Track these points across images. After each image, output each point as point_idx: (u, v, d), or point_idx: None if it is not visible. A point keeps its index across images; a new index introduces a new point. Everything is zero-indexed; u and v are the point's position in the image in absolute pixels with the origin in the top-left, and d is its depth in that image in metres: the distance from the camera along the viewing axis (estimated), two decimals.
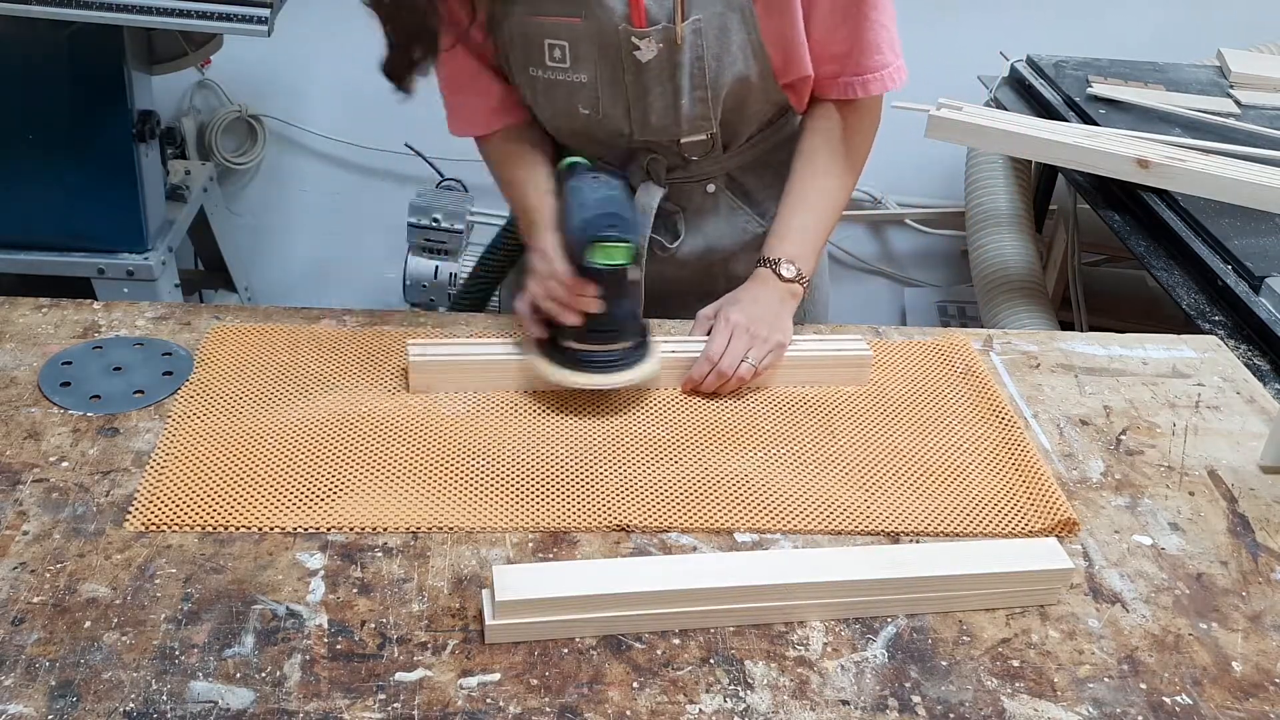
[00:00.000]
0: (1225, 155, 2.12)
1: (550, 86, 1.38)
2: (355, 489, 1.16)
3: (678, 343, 1.37)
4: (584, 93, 1.38)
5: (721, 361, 1.32)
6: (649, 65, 1.35)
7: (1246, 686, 1.02)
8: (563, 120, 1.43)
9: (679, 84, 1.36)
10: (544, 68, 1.37)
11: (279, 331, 1.41)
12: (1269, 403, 1.43)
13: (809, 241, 1.43)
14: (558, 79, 1.37)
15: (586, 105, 1.39)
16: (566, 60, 1.35)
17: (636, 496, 1.17)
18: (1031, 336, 1.57)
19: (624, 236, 1.25)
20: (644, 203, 1.46)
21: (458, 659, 0.98)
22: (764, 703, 0.96)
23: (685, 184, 1.48)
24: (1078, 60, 2.68)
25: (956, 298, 3.25)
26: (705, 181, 1.49)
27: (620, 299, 1.28)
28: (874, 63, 1.40)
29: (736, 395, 1.34)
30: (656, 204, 1.47)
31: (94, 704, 0.91)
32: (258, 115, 3.09)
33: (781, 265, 1.40)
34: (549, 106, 1.41)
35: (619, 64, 1.35)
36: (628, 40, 1.33)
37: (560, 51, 1.35)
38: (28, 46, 2.27)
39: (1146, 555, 1.16)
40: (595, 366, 1.29)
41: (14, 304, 1.42)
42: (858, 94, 1.42)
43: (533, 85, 1.39)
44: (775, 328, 1.36)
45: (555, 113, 1.42)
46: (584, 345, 1.28)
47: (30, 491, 1.13)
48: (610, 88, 1.37)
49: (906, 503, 1.19)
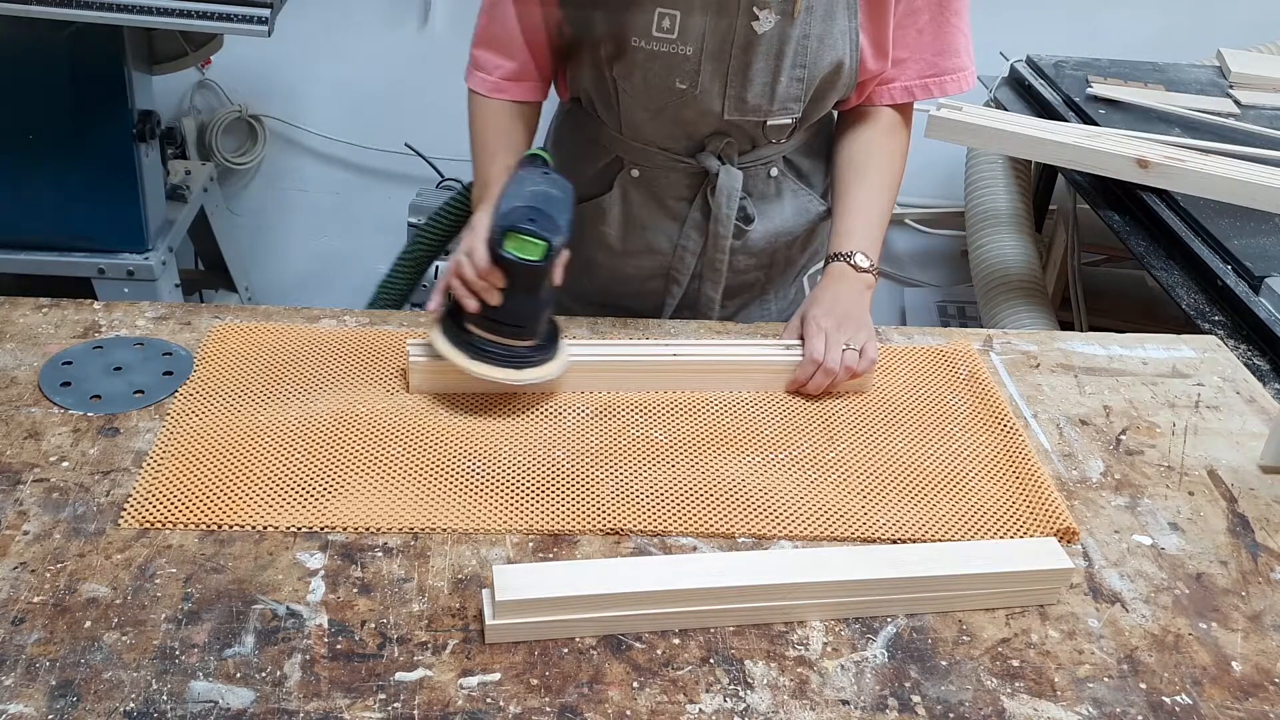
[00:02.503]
0: (1225, 155, 2.12)
1: (650, 59, 1.38)
2: (353, 489, 1.16)
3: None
4: (685, 66, 1.38)
5: (826, 359, 1.33)
6: (760, 39, 1.36)
7: (1246, 686, 1.02)
8: (654, 97, 1.42)
9: (783, 61, 1.38)
10: (649, 38, 1.37)
11: (280, 330, 1.41)
12: (1269, 403, 1.43)
13: (874, 235, 1.48)
14: (660, 50, 1.37)
15: (685, 80, 1.39)
16: (674, 31, 1.36)
17: (636, 500, 1.17)
18: (1031, 336, 1.57)
19: (540, 232, 1.24)
20: (727, 186, 1.47)
21: (458, 659, 0.98)
22: (764, 702, 0.96)
23: (751, 168, 1.50)
24: (1077, 60, 2.68)
25: (956, 298, 3.25)
26: (769, 165, 1.51)
27: (528, 295, 1.27)
28: (952, 64, 1.47)
29: (736, 401, 1.35)
30: (740, 187, 1.48)
31: (94, 704, 0.91)
32: (258, 115, 3.09)
33: (855, 257, 1.44)
34: (643, 81, 1.41)
35: (729, 36, 1.36)
36: (749, 9, 1.35)
37: (670, 21, 1.35)
38: (28, 46, 2.27)
39: (1146, 555, 1.16)
40: (488, 357, 1.28)
41: (14, 304, 1.42)
42: (932, 94, 1.49)
43: (631, 59, 1.39)
44: (862, 322, 1.39)
45: (649, 88, 1.41)
46: (482, 333, 1.28)
47: (30, 491, 1.13)
48: (713, 61, 1.38)
49: (906, 510, 1.19)
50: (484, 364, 1.27)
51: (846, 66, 1.42)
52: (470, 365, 1.27)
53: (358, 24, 2.99)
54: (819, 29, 1.38)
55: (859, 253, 1.44)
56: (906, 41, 1.45)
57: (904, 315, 3.29)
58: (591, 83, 1.47)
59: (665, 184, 1.49)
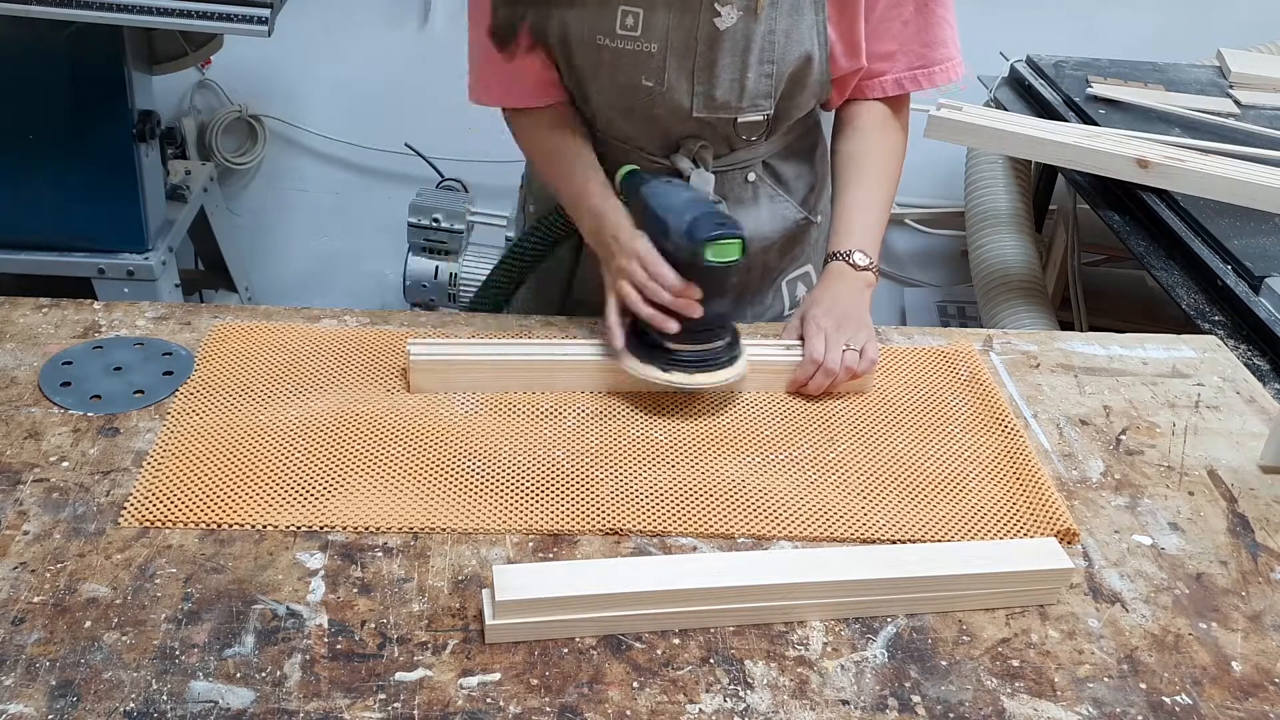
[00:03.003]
0: (1225, 155, 2.12)
1: (615, 56, 1.38)
2: (353, 488, 1.16)
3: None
4: (650, 63, 1.38)
5: (826, 359, 1.33)
6: (724, 34, 1.36)
7: (1246, 686, 1.02)
8: (621, 96, 1.42)
9: (749, 57, 1.38)
10: (613, 36, 1.36)
11: (282, 330, 1.41)
12: (1269, 403, 1.43)
13: (873, 233, 1.47)
14: (625, 48, 1.37)
15: (651, 77, 1.39)
16: (638, 28, 1.35)
17: (635, 500, 1.17)
18: (1031, 336, 1.57)
19: (732, 231, 1.25)
20: (699, 190, 1.47)
21: (458, 659, 0.98)
22: (764, 703, 0.96)
23: (729, 172, 1.49)
24: (1077, 60, 2.68)
25: (956, 298, 3.25)
26: (746, 170, 1.50)
27: (722, 296, 1.29)
28: (940, 55, 1.46)
29: (736, 402, 1.35)
30: (711, 190, 1.48)
31: (94, 704, 0.91)
32: (258, 115, 3.09)
33: (854, 255, 1.43)
34: (609, 80, 1.41)
35: (693, 32, 1.36)
36: (710, 5, 1.34)
37: (633, 19, 1.35)
38: (28, 46, 2.27)
39: (1146, 555, 1.16)
40: (699, 366, 1.29)
41: (14, 304, 1.42)
42: (922, 85, 1.47)
43: (596, 57, 1.39)
44: (862, 321, 1.39)
45: (616, 87, 1.41)
46: (684, 346, 1.29)
47: (30, 491, 1.13)
48: (679, 58, 1.38)
49: (906, 512, 1.19)
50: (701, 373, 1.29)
51: (816, 61, 1.41)
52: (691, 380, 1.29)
53: (358, 24, 2.99)
54: (785, 24, 1.38)
55: (857, 251, 1.44)
56: (892, 34, 1.44)
57: (904, 315, 3.29)
58: (566, 82, 1.46)
59: None
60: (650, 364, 1.30)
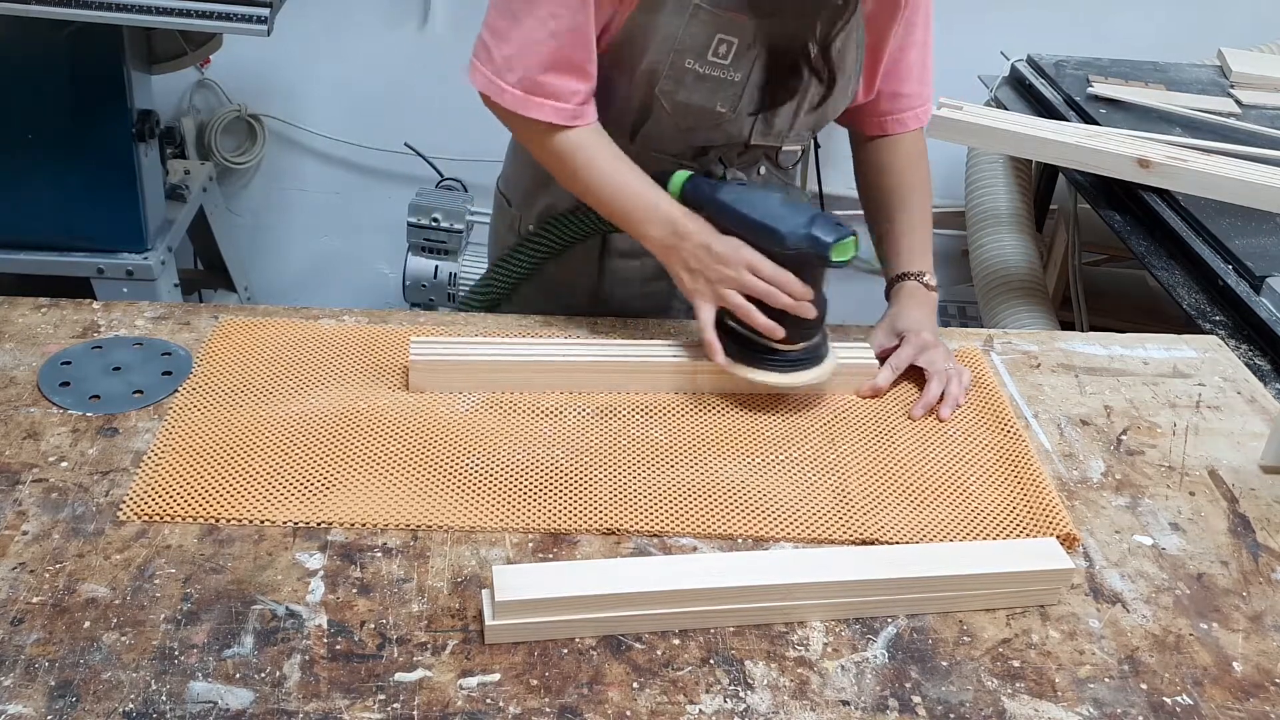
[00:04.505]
0: (1226, 155, 2.12)
1: (699, 80, 1.37)
2: (352, 485, 1.16)
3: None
4: (729, 91, 1.38)
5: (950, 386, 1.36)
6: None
7: (1247, 687, 1.02)
8: (688, 116, 1.40)
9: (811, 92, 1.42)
10: (704, 62, 1.36)
11: (283, 327, 1.41)
12: (1269, 403, 1.43)
13: (929, 256, 1.52)
14: (710, 74, 1.37)
15: (725, 104, 1.39)
16: (729, 58, 1.36)
17: (634, 501, 1.17)
18: (1032, 336, 1.56)
19: (851, 229, 1.27)
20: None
21: (457, 659, 0.98)
22: (764, 703, 0.96)
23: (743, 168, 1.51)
24: (1078, 60, 2.68)
25: (957, 297, 3.25)
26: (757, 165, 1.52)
27: (820, 294, 1.31)
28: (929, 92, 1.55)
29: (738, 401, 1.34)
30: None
31: (93, 704, 0.91)
32: (258, 115, 3.09)
33: (926, 277, 1.48)
34: (684, 100, 1.38)
35: (778, 68, 1.38)
36: (804, 46, 1.36)
37: (727, 48, 1.35)
38: (28, 46, 2.27)
39: (1147, 555, 1.16)
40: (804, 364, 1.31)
41: (14, 304, 1.42)
42: (924, 122, 1.54)
43: (679, 79, 1.37)
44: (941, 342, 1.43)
45: (689, 109, 1.39)
46: (789, 346, 1.30)
47: (30, 491, 1.12)
48: (757, 90, 1.39)
49: (906, 516, 1.18)
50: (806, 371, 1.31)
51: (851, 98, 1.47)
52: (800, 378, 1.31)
53: (358, 24, 2.99)
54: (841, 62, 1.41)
55: (928, 273, 1.48)
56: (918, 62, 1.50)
57: None
58: (623, 97, 1.42)
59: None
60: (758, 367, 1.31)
